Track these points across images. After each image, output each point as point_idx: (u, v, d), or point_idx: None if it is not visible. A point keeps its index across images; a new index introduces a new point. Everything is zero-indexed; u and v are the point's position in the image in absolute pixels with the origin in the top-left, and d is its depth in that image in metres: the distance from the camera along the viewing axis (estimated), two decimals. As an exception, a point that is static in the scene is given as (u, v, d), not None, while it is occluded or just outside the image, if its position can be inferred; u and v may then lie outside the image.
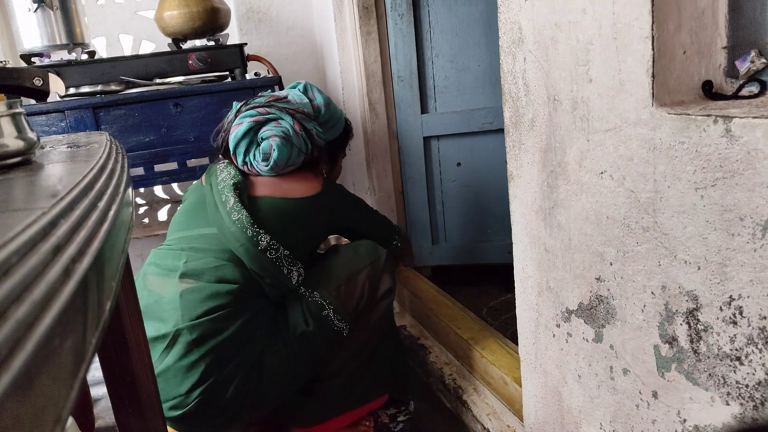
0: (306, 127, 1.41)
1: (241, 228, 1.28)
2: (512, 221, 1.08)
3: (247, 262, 1.27)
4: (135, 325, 0.85)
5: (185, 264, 1.28)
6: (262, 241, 1.28)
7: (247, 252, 1.27)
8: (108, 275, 0.37)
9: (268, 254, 1.28)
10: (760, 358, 0.63)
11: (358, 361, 1.40)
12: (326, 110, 1.48)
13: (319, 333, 1.29)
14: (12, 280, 0.23)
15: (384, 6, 1.98)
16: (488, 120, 1.95)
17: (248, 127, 1.38)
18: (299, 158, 1.40)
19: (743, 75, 0.72)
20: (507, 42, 0.99)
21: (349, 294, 1.34)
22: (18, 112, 0.58)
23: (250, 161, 1.39)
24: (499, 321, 1.89)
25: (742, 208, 0.62)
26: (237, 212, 1.29)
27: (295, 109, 1.41)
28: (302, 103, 1.44)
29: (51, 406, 0.23)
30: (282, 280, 1.30)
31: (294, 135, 1.37)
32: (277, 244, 1.29)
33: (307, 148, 1.40)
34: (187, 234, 1.36)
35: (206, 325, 1.20)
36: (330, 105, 1.50)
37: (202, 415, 1.21)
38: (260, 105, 1.41)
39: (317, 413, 1.38)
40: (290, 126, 1.38)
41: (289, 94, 1.47)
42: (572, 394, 1.00)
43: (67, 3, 1.83)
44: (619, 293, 0.83)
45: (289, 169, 1.40)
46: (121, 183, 0.52)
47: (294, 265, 1.31)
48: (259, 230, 1.28)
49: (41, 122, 1.74)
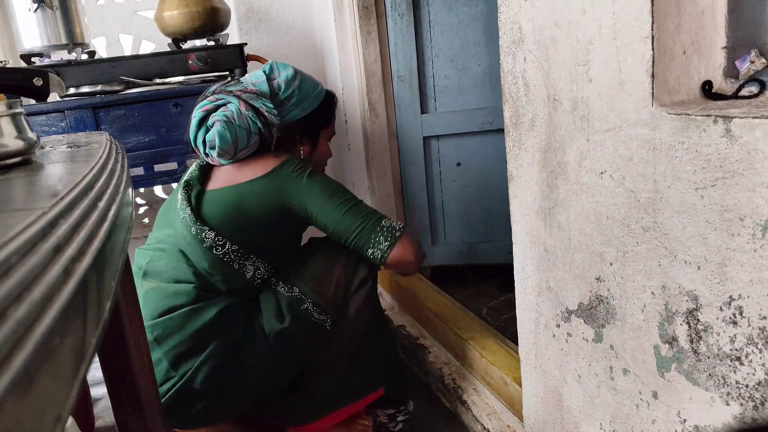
0: (254, 105, 1.30)
1: (185, 226, 1.27)
2: (512, 221, 1.08)
3: (195, 261, 1.27)
4: (135, 325, 0.85)
5: (147, 264, 1.31)
6: (207, 238, 1.25)
7: (194, 250, 1.26)
8: (108, 275, 0.37)
9: (214, 251, 1.25)
10: (760, 358, 0.63)
11: (345, 355, 1.39)
12: (287, 86, 1.36)
13: (299, 328, 1.27)
14: (12, 280, 0.23)
15: (384, 6, 1.98)
16: (488, 120, 1.95)
17: (200, 117, 1.33)
18: (250, 140, 1.30)
19: (743, 75, 0.72)
20: (507, 42, 0.99)
21: (324, 285, 1.31)
22: (18, 112, 0.58)
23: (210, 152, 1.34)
24: (499, 321, 1.89)
25: (742, 208, 0.62)
26: (183, 210, 1.29)
27: (242, 89, 1.33)
28: (257, 83, 1.35)
29: (51, 406, 0.23)
30: (234, 276, 1.27)
31: (238, 116, 1.29)
32: (224, 239, 1.26)
33: (257, 128, 1.30)
34: (157, 234, 1.38)
35: (165, 324, 1.23)
36: (294, 80, 1.37)
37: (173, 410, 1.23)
38: (211, 93, 1.36)
39: (310, 411, 1.38)
40: (236, 108, 1.30)
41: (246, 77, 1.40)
42: (572, 394, 1.00)
43: (67, 3, 1.83)
44: (619, 293, 0.83)
45: (243, 153, 1.32)
46: (121, 183, 0.52)
47: (246, 259, 1.27)
48: (203, 227, 1.26)
49: (41, 122, 1.74)
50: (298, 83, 1.38)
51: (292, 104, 1.37)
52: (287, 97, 1.36)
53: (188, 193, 1.33)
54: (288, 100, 1.36)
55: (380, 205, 2.12)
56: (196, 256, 1.27)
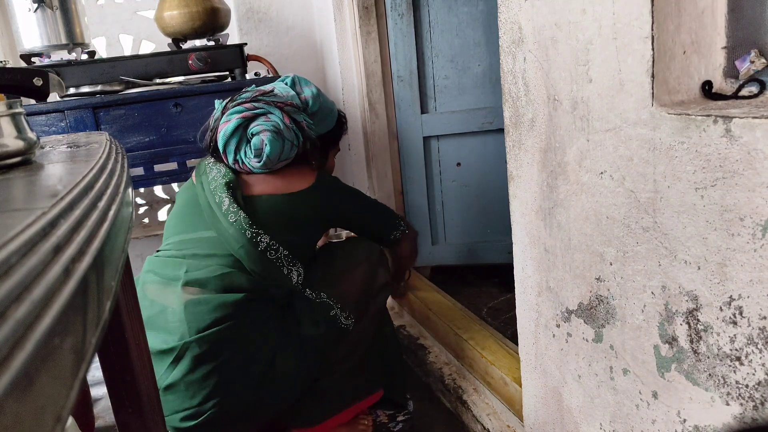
0: (296, 119, 1.36)
1: (239, 229, 1.26)
2: (512, 221, 1.08)
3: (247, 265, 1.26)
4: (135, 325, 0.84)
5: (187, 273, 1.25)
6: (261, 241, 1.26)
7: (248, 254, 1.25)
8: (108, 275, 0.37)
9: (268, 255, 1.26)
10: (760, 358, 0.63)
11: (354, 358, 1.40)
12: (314, 102, 1.41)
13: (328, 334, 1.29)
14: (12, 280, 0.23)
15: (384, 6, 1.98)
16: (488, 120, 1.95)
17: (237, 123, 1.33)
18: (292, 152, 1.35)
19: (743, 75, 0.72)
20: (507, 42, 0.99)
21: (349, 292, 1.34)
22: (18, 112, 0.58)
23: (242, 159, 1.34)
24: (499, 321, 1.89)
25: (742, 208, 0.62)
26: (234, 213, 1.27)
27: (283, 102, 1.36)
28: (289, 96, 1.39)
29: (51, 406, 0.23)
30: (283, 280, 1.29)
31: (285, 128, 1.33)
32: (277, 244, 1.27)
33: (299, 141, 1.35)
34: (184, 238, 1.33)
35: (214, 337, 1.19)
36: (319, 97, 1.44)
37: (218, 423, 1.21)
38: (247, 100, 1.36)
39: (316, 412, 1.38)
40: (280, 119, 1.33)
41: (275, 88, 1.42)
42: (572, 394, 1.00)
43: (67, 3, 1.83)
44: (619, 293, 0.83)
45: (281, 164, 1.36)
46: (121, 183, 0.52)
47: (293, 265, 1.30)
48: (257, 231, 1.26)
49: (41, 122, 1.74)
50: (323, 100, 1.45)
51: (319, 120, 1.44)
52: (314, 113, 1.42)
53: (234, 196, 1.31)
54: (314, 116, 1.42)
55: (380, 205, 2.13)
56: (249, 261, 1.26)
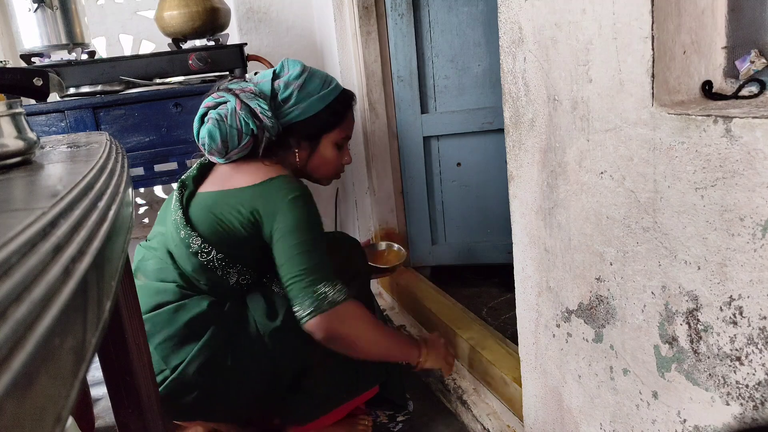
0: (249, 105, 1.25)
1: (176, 228, 1.26)
2: (512, 221, 1.08)
3: (180, 263, 1.26)
4: (135, 325, 0.85)
5: (139, 261, 1.33)
6: (193, 243, 1.24)
7: (181, 253, 1.25)
8: (108, 275, 0.37)
9: (199, 257, 1.24)
10: (760, 358, 0.63)
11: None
12: (286, 87, 1.29)
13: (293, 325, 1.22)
14: (12, 280, 0.23)
15: (384, 6, 1.98)
16: (488, 120, 1.95)
17: (200, 113, 1.30)
18: (242, 140, 1.26)
19: (743, 75, 0.72)
20: (507, 42, 0.99)
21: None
22: (18, 112, 0.58)
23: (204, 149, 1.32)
24: (499, 321, 1.89)
25: (742, 208, 0.62)
26: (175, 211, 1.28)
27: (241, 88, 1.28)
28: (259, 82, 1.30)
29: (51, 406, 0.23)
30: (217, 281, 1.26)
31: (231, 115, 1.25)
32: (209, 247, 1.23)
33: (250, 129, 1.25)
34: (153, 230, 1.38)
35: (153, 319, 1.23)
36: (297, 79, 1.29)
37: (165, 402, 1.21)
38: (216, 89, 1.32)
39: (309, 410, 1.37)
40: (231, 107, 1.25)
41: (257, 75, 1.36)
42: (572, 394, 1.00)
43: (67, 3, 1.83)
44: (619, 293, 0.83)
45: (235, 153, 1.28)
46: (121, 183, 0.52)
47: (231, 267, 1.25)
48: (191, 232, 1.24)
49: (41, 122, 1.74)
50: (301, 83, 1.30)
51: (291, 105, 1.29)
52: (285, 98, 1.29)
53: (182, 194, 1.32)
54: (286, 101, 1.29)
55: (380, 205, 2.13)
56: (181, 259, 1.26)
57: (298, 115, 1.30)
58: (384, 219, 2.15)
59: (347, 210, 2.41)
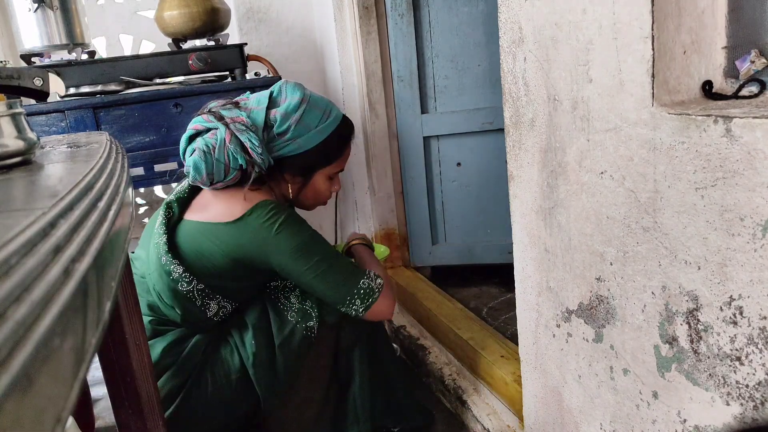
0: (240, 139, 1.17)
1: (157, 254, 1.20)
2: (512, 221, 1.08)
3: (157, 289, 1.21)
4: (135, 325, 0.85)
5: None
6: (174, 272, 1.18)
7: (160, 278, 1.20)
8: (108, 275, 0.37)
9: (179, 286, 1.18)
10: (760, 358, 0.63)
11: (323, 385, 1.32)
12: (283, 120, 1.20)
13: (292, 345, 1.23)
14: (12, 280, 0.23)
15: (384, 6, 1.98)
16: (488, 120, 1.95)
17: (188, 135, 1.23)
18: (228, 175, 1.19)
19: (743, 75, 0.72)
20: (507, 42, 0.99)
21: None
22: (18, 112, 0.58)
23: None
24: (499, 321, 1.88)
25: (742, 208, 0.62)
26: (158, 236, 1.22)
27: (234, 117, 1.19)
28: (254, 110, 1.21)
29: (51, 406, 0.23)
30: (193, 312, 1.21)
31: (219, 148, 1.17)
32: (191, 277, 1.19)
33: (236, 163, 1.18)
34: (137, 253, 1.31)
35: None
36: (295, 112, 1.21)
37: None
38: (208, 111, 1.24)
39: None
40: (221, 138, 1.17)
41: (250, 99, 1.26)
42: (572, 394, 1.00)
43: (67, 3, 1.83)
44: (619, 293, 0.83)
45: (220, 184, 1.21)
46: (121, 183, 0.52)
47: (211, 299, 1.21)
48: (173, 260, 1.18)
49: (41, 122, 1.74)
50: (299, 116, 1.21)
51: (286, 140, 1.21)
52: (281, 133, 1.21)
53: (168, 217, 1.25)
54: (282, 135, 1.21)
55: (380, 205, 2.12)
56: (160, 286, 1.20)
57: (293, 150, 1.23)
58: (384, 219, 2.15)
59: (347, 210, 2.41)
